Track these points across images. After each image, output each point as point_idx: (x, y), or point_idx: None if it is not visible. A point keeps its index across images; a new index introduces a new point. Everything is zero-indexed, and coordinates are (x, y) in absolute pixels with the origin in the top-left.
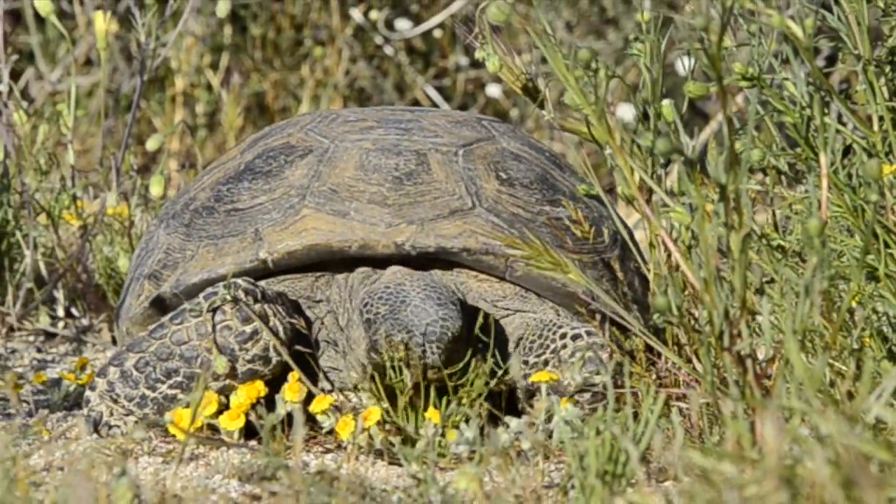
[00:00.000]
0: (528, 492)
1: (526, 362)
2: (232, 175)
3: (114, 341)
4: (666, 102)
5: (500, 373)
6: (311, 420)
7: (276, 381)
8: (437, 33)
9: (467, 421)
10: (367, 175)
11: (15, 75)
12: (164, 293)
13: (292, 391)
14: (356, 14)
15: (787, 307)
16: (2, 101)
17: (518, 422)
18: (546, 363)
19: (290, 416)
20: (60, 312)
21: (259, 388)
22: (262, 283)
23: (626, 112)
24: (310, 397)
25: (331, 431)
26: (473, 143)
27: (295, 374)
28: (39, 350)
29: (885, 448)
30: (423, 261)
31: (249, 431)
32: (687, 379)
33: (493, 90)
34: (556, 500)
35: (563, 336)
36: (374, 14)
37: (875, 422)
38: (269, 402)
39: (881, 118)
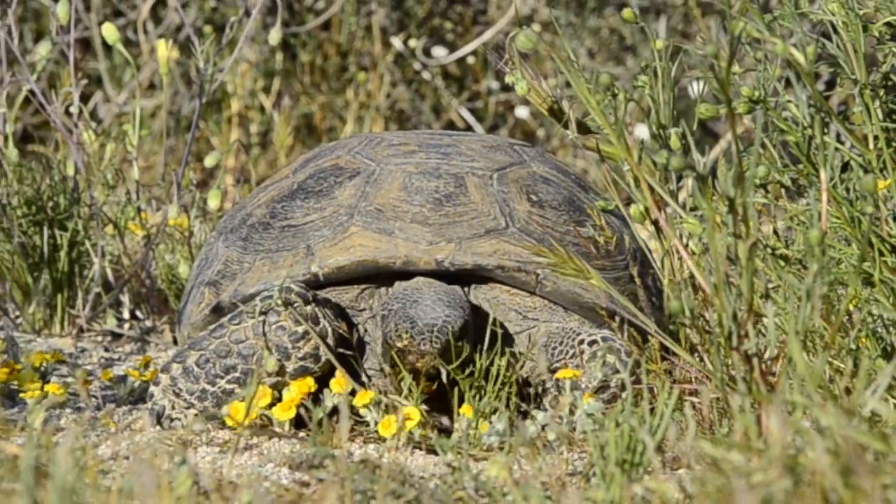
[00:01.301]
0: (553, 479)
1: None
2: (286, 194)
3: (175, 342)
4: (674, 130)
5: (516, 362)
6: (354, 414)
7: (323, 379)
8: (471, 60)
9: (496, 412)
10: (409, 196)
11: (85, 98)
12: (223, 301)
13: (338, 384)
14: (397, 42)
15: (790, 310)
16: (73, 121)
17: (544, 415)
18: (566, 367)
19: (335, 409)
20: (126, 315)
21: (309, 383)
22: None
23: (643, 132)
24: (353, 394)
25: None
26: (507, 167)
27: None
28: (107, 349)
29: (879, 439)
30: (460, 276)
31: (299, 423)
32: (698, 376)
33: (522, 112)
34: (579, 487)
35: (581, 342)
36: (412, 42)
37: (871, 415)
38: (317, 398)
39: (876, 137)
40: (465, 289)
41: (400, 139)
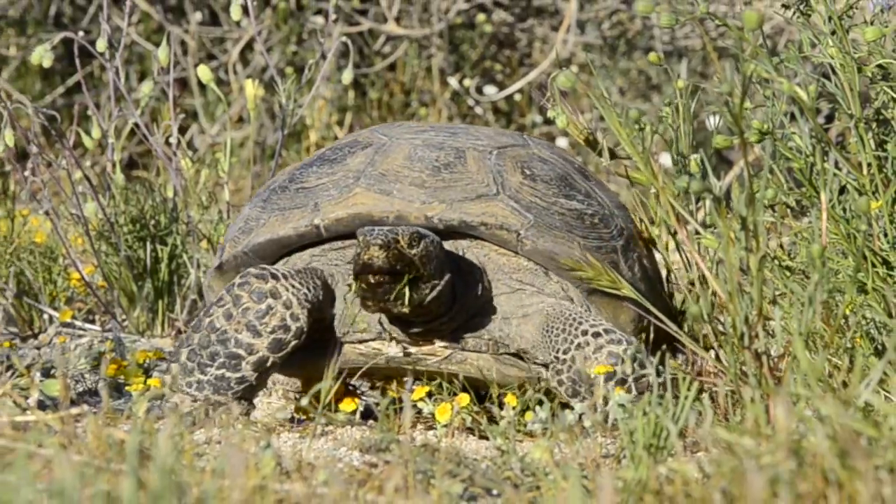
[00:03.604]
0: (589, 461)
1: (556, 357)
2: (305, 163)
3: (200, 295)
4: (695, 155)
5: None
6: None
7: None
8: (517, 97)
9: (541, 404)
10: (412, 164)
11: (182, 130)
12: (237, 253)
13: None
14: (453, 81)
15: (794, 314)
16: (172, 150)
17: (581, 405)
18: (573, 360)
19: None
20: None
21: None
22: (318, 248)
23: (667, 159)
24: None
25: (430, 415)
26: (508, 146)
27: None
28: None
29: (872, 426)
30: (450, 234)
31: (367, 413)
32: (714, 371)
33: (562, 142)
34: (611, 468)
35: (585, 332)
36: (467, 81)
37: (865, 405)
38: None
39: (869, 164)
40: (460, 251)
41: (418, 124)
